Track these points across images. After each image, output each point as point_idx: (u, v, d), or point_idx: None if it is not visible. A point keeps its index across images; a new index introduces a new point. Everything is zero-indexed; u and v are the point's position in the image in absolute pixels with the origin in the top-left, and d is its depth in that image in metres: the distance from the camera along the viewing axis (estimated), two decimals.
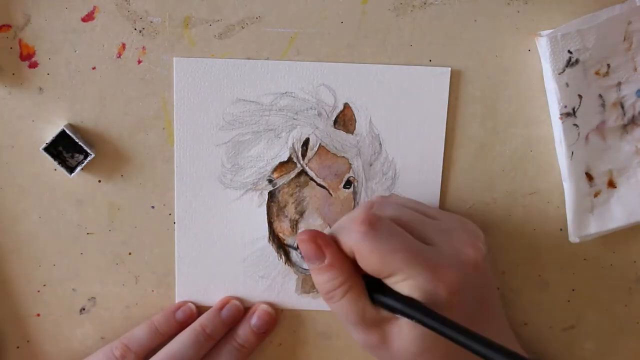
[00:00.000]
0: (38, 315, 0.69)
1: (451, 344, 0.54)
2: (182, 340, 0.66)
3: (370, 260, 0.56)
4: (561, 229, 0.69)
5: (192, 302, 0.69)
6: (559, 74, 0.64)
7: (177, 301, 0.69)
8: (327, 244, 0.58)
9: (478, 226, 0.63)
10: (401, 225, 0.58)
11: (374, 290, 0.58)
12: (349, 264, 0.58)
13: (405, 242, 0.56)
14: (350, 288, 0.57)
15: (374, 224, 0.56)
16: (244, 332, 0.68)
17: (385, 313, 0.57)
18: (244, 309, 0.69)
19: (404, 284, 0.55)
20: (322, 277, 0.58)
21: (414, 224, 0.59)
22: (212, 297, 0.69)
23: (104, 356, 0.66)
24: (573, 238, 0.67)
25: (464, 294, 0.56)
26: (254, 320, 0.68)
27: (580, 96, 0.65)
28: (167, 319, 0.68)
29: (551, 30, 0.63)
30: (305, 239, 0.58)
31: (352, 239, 0.56)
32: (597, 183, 0.67)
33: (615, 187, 0.67)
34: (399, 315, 0.57)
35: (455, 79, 0.66)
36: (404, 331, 0.57)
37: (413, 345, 0.57)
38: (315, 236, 0.58)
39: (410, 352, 0.57)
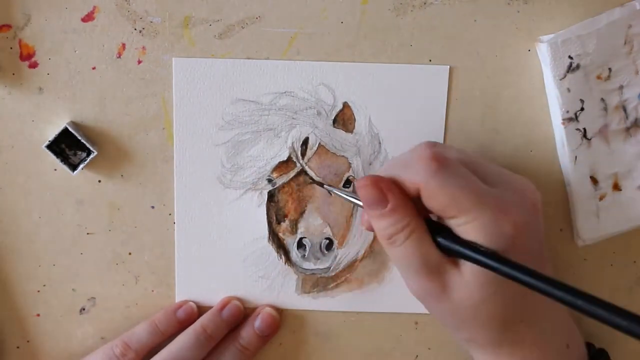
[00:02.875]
0: (38, 315, 0.69)
1: (514, 291, 0.54)
2: (183, 340, 0.66)
3: (438, 198, 0.54)
4: (561, 229, 0.69)
5: (192, 302, 0.69)
6: (560, 79, 0.64)
7: (177, 301, 0.69)
8: (390, 188, 0.56)
9: None
10: (465, 164, 0.57)
11: (438, 233, 0.56)
12: (412, 206, 0.56)
13: (472, 182, 0.55)
14: (413, 230, 0.56)
15: (443, 161, 0.55)
16: (247, 334, 0.68)
17: (448, 259, 0.56)
18: (244, 310, 0.69)
19: (470, 226, 0.54)
20: (385, 222, 0.56)
21: (476, 166, 0.57)
22: (212, 297, 0.69)
23: (104, 354, 0.66)
24: (579, 241, 0.67)
25: (527, 236, 0.55)
26: (257, 323, 0.68)
27: (582, 101, 0.65)
28: (167, 318, 0.68)
29: (551, 36, 0.63)
30: (367, 184, 0.56)
31: (421, 176, 0.55)
32: (602, 186, 0.67)
33: (621, 190, 0.67)
34: (463, 261, 0.55)
35: (455, 78, 0.66)
36: (467, 278, 0.55)
37: (477, 292, 0.55)
38: (378, 180, 0.56)
39: (473, 300, 0.55)
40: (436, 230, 0.56)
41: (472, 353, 0.61)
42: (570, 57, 0.64)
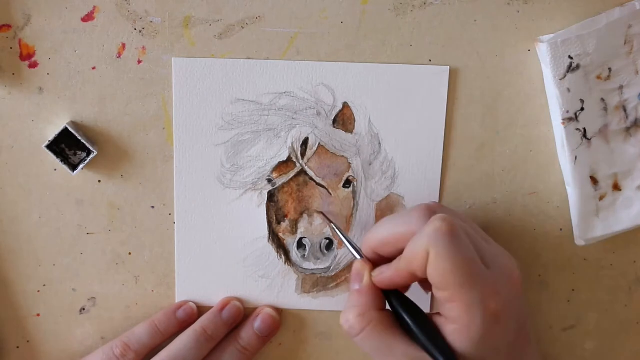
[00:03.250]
0: (38, 315, 0.69)
1: None
2: (183, 341, 0.66)
3: (442, 265, 0.54)
4: (561, 229, 0.69)
5: (192, 302, 0.69)
6: (560, 79, 0.64)
7: (177, 301, 0.69)
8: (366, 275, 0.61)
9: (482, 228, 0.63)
10: (466, 233, 0.57)
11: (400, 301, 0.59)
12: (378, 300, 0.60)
13: (474, 257, 0.55)
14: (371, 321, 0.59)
15: (454, 228, 0.55)
16: (247, 335, 0.68)
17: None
18: (244, 310, 0.69)
19: (455, 305, 0.55)
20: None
21: (473, 238, 0.57)
22: (212, 297, 0.69)
23: (104, 355, 0.66)
24: (579, 241, 0.67)
25: (510, 315, 0.56)
26: (257, 323, 0.68)
27: (582, 101, 0.65)
28: (167, 318, 0.68)
29: (551, 36, 0.63)
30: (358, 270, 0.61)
31: (430, 238, 0.55)
32: (602, 186, 0.67)
33: (621, 190, 0.67)
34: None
35: (455, 78, 0.66)
36: None
37: None
38: (359, 271, 0.61)
39: None
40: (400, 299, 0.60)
41: None
42: (570, 57, 0.64)
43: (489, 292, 0.55)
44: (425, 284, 0.60)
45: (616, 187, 0.67)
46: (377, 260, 0.61)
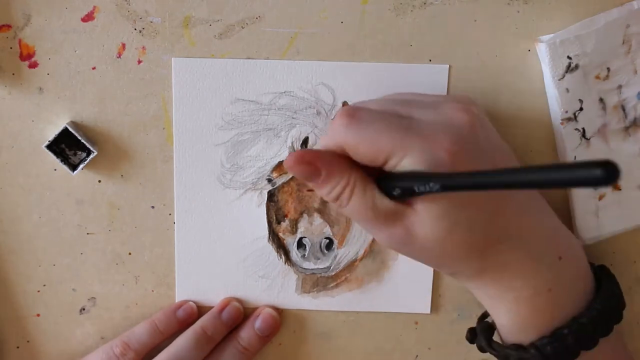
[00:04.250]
0: (38, 315, 0.69)
1: (478, 214, 0.54)
2: (183, 342, 0.66)
3: (360, 149, 0.54)
4: None
5: (192, 302, 0.69)
6: (559, 79, 0.64)
7: (177, 301, 0.69)
8: (317, 157, 0.56)
9: None
10: (384, 112, 0.56)
11: (382, 181, 0.56)
12: (346, 164, 0.56)
13: (390, 122, 0.54)
14: (354, 186, 0.55)
15: (353, 114, 0.55)
16: (247, 335, 0.68)
17: (401, 203, 0.55)
18: (244, 310, 0.69)
19: (404, 163, 0.53)
20: (326, 189, 0.56)
21: (397, 107, 0.56)
22: (212, 297, 0.69)
23: (104, 354, 0.66)
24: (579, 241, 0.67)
25: (465, 154, 0.54)
26: (258, 323, 0.68)
27: (581, 100, 0.65)
28: (167, 318, 0.68)
29: (550, 36, 0.63)
30: (293, 162, 0.56)
31: (337, 135, 0.55)
32: None
33: (620, 190, 0.67)
34: (416, 199, 0.54)
35: (455, 78, 0.66)
36: (424, 216, 0.54)
37: (436, 227, 0.54)
38: (302, 155, 0.56)
39: (436, 235, 0.55)
40: (380, 179, 0.56)
41: (464, 285, 0.61)
42: (569, 57, 0.64)
43: (425, 141, 0.53)
44: None
45: (616, 187, 0.67)
46: None
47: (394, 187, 0.55)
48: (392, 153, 0.53)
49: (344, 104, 0.66)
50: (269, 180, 0.67)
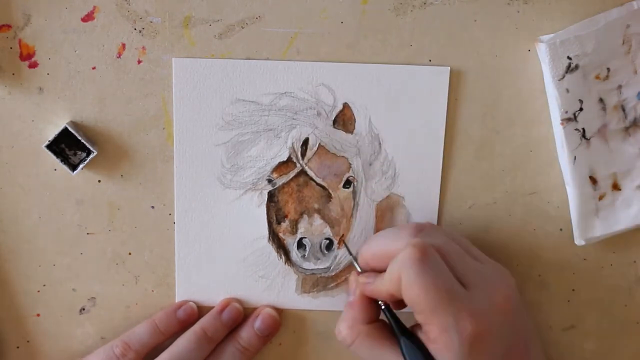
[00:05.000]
0: (38, 315, 0.69)
1: None
2: (183, 342, 0.66)
3: (412, 291, 0.56)
4: (561, 229, 0.69)
5: (193, 302, 0.69)
6: (559, 80, 0.64)
7: (177, 301, 0.69)
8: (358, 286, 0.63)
9: (500, 263, 0.63)
10: (445, 256, 0.58)
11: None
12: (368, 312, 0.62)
13: (447, 280, 0.56)
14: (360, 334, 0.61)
15: (426, 254, 0.56)
16: (247, 335, 0.68)
17: None
18: (244, 310, 0.69)
19: (432, 327, 0.56)
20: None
21: (456, 259, 0.58)
22: (212, 297, 0.69)
23: (105, 354, 0.66)
24: (579, 241, 0.67)
25: (489, 343, 0.56)
26: (257, 323, 0.68)
27: (581, 101, 0.65)
28: (168, 318, 0.68)
29: (550, 37, 0.63)
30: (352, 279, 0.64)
31: (402, 264, 0.56)
32: (601, 186, 0.67)
33: (620, 190, 0.67)
34: None
35: (455, 78, 0.66)
36: None
37: None
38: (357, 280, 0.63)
39: None
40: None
41: None
42: (569, 58, 0.64)
43: (464, 315, 0.55)
44: (401, 304, 0.62)
45: (615, 187, 0.67)
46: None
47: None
48: (431, 311, 0.56)
49: (345, 105, 0.66)
50: (269, 181, 0.67)
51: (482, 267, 0.60)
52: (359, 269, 0.64)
